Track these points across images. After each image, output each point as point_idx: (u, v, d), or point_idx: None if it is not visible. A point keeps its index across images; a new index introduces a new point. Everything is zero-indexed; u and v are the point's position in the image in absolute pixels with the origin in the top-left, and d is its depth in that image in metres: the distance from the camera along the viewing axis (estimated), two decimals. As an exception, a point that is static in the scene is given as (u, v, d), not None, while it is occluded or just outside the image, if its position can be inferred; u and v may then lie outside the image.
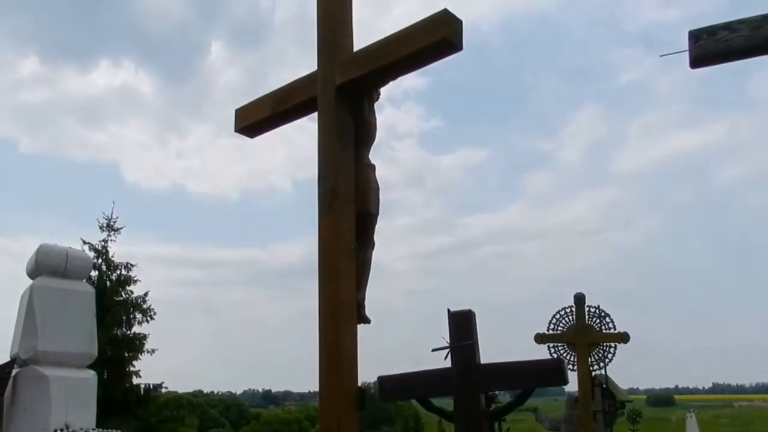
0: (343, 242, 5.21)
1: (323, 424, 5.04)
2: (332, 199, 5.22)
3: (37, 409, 2.35)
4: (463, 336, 8.36)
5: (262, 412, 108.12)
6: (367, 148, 5.69)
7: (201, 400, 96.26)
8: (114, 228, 23.22)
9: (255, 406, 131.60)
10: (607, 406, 17.15)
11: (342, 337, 5.00)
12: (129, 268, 23.40)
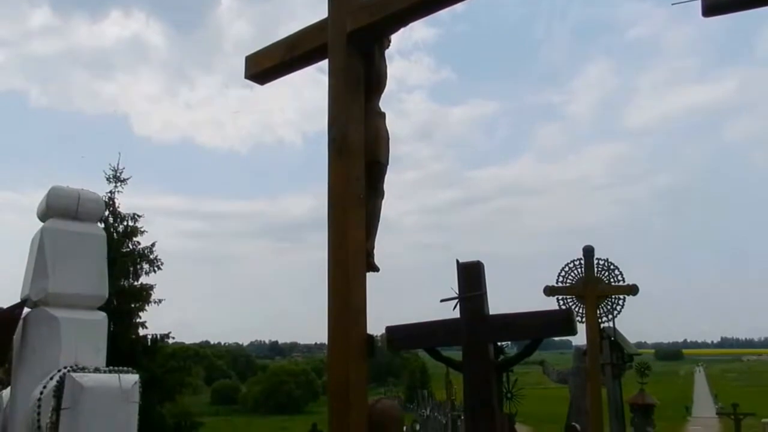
0: (352, 191, 5.11)
1: (332, 371, 5.00)
2: (342, 147, 5.12)
3: (47, 350, 2.31)
4: (472, 287, 8.30)
5: (269, 363, 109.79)
6: (377, 96, 5.56)
7: (208, 351, 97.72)
8: (120, 179, 23.10)
9: (262, 358, 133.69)
10: (615, 358, 17.22)
11: (351, 286, 4.94)
12: (136, 219, 23.38)
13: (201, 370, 72.13)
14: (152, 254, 23.59)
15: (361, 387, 5.00)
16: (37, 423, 2.10)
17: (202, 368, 75.05)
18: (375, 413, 5.08)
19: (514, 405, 9.96)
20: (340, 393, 4.92)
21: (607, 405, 18.00)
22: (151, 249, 23.63)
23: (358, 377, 4.97)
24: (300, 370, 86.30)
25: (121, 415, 2.08)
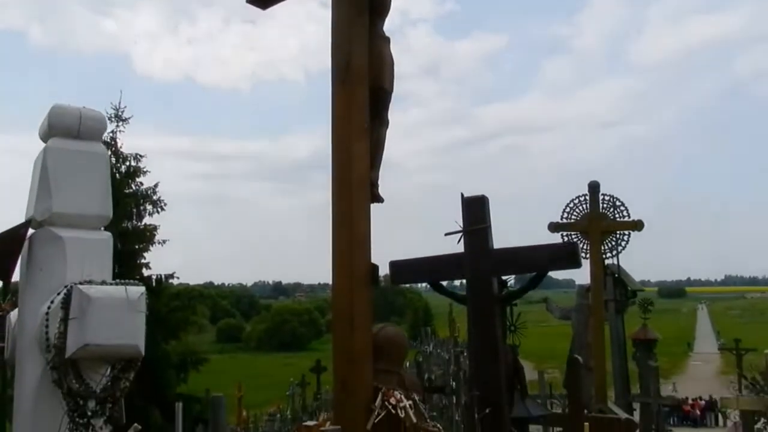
0: (356, 119, 5.03)
1: (336, 298, 5.03)
2: (346, 72, 5.00)
3: (54, 269, 2.30)
4: (477, 220, 8.27)
5: (273, 303, 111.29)
6: (381, 19, 5.40)
7: (212, 292, 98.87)
8: (122, 118, 22.85)
9: (265, 298, 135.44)
10: (618, 295, 17.34)
11: (355, 215, 4.91)
12: (138, 159, 23.24)
13: (205, 310, 73.25)
14: (155, 195, 23.54)
15: (365, 313, 5.02)
16: (45, 336, 2.10)
17: (206, 308, 76.20)
18: (379, 339, 5.11)
19: (517, 337, 10.13)
20: (345, 318, 4.94)
21: (610, 340, 18.25)
22: (154, 190, 23.57)
23: (363, 303, 4.98)
24: (303, 309, 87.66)
25: (129, 324, 2.07)
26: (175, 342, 23.33)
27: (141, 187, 23.26)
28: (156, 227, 22.88)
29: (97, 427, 2.05)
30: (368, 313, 5.14)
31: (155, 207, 23.21)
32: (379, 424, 4.85)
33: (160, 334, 21.49)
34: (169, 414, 14.32)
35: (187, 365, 23.22)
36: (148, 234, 22.92)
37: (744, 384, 18.07)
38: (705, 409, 35.75)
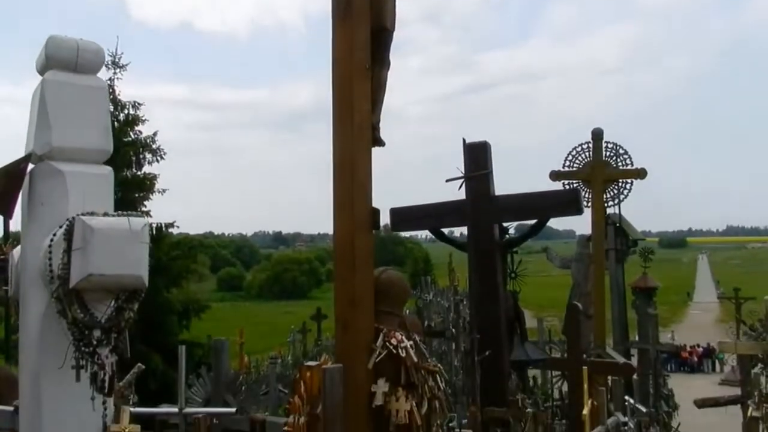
0: (357, 59, 4.93)
1: (338, 242, 5.02)
2: (346, 10, 4.89)
3: (55, 203, 2.28)
4: (478, 166, 8.26)
5: (273, 252, 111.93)
6: (382, -44, 5.25)
7: (212, 242, 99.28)
8: (119, 65, 22.51)
9: (266, 248, 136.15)
10: (619, 244, 17.39)
11: (356, 158, 4.86)
12: (137, 107, 23.00)
13: (206, 259, 73.67)
14: (154, 144, 23.39)
15: (366, 256, 5.02)
16: (49, 267, 2.09)
17: (207, 257, 76.65)
18: (381, 282, 5.13)
19: (517, 284, 10.20)
20: (346, 261, 4.95)
21: (609, 289, 18.41)
22: (153, 138, 23.40)
23: (364, 246, 4.98)
24: (304, 259, 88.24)
25: (132, 255, 2.06)
26: (176, 290, 23.50)
27: (140, 136, 23.08)
28: (156, 176, 22.80)
29: (103, 356, 2.06)
30: (369, 256, 5.15)
31: (155, 156, 23.10)
32: (380, 364, 4.91)
33: (161, 282, 21.62)
34: (172, 360, 14.51)
35: (189, 312, 23.44)
36: (148, 183, 22.86)
37: (742, 330, 18.30)
38: (702, 356, 36.38)
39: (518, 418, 7.70)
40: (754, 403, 10.98)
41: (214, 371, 9.32)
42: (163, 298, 21.74)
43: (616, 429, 11.68)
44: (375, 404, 4.81)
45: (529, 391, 12.19)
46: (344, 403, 4.44)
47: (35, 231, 2.35)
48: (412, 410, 4.72)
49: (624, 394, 14.48)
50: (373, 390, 4.88)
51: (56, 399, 2.23)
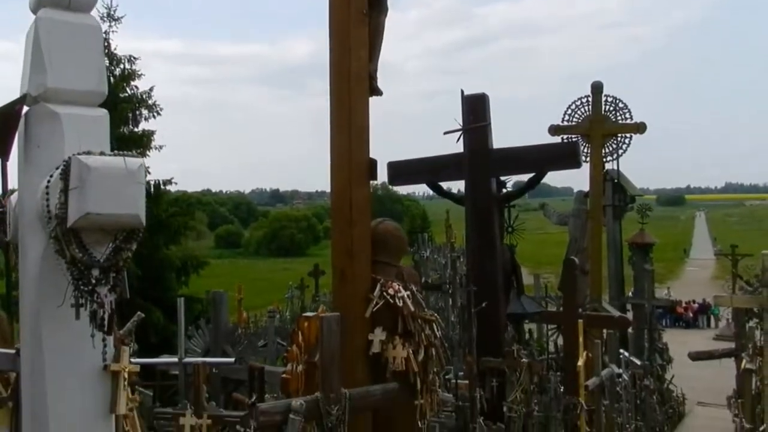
0: (354, 5, 4.86)
1: (335, 192, 5.03)
2: (343, -45, 4.80)
3: (51, 145, 2.27)
4: (477, 118, 8.21)
5: (271, 210, 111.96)
6: None
7: (210, 199, 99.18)
8: (114, 17, 22.10)
9: (263, 205, 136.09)
10: (617, 200, 17.41)
11: (353, 106, 4.83)
12: (132, 61, 22.65)
13: (204, 216, 73.70)
14: (151, 99, 23.14)
15: (363, 206, 5.03)
16: (46, 208, 2.09)
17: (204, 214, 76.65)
18: (378, 232, 5.15)
19: (514, 238, 10.24)
20: (343, 212, 4.96)
21: (606, 245, 18.50)
22: (149, 93, 23.12)
23: (361, 197, 4.98)
24: (301, 216, 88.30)
25: (129, 194, 2.06)
26: (175, 247, 23.55)
27: (136, 92, 22.83)
28: (152, 133, 22.61)
29: (102, 294, 2.07)
30: (367, 207, 5.16)
31: (151, 112, 22.85)
32: (378, 313, 4.97)
33: (160, 239, 21.66)
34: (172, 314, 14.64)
35: (188, 268, 23.52)
36: (145, 139, 22.68)
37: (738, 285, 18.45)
38: (698, 312, 36.81)
39: (514, 368, 7.82)
40: (748, 355, 11.12)
41: (212, 323, 9.42)
42: (162, 255, 21.79)
43: (610, 380, 11.89)
44: (372, 352, 4.88)
45: (524, 343, 12.38)
46: (341, 351, 4.50)
47: (32, 174, 2.34)
48: (409, 357, 4.80)
49: (619, 348, 14.71)
50: (370, 338, 4.95)
51: (56, 338, 2.26)
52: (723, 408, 18.18)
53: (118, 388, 2.32)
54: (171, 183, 23.38)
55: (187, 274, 23.61)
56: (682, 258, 69.42)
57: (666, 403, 17.05)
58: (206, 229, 76.18)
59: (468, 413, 6.43)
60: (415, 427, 4.94)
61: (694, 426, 17.48)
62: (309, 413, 4.14)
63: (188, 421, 4.84)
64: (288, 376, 5.51)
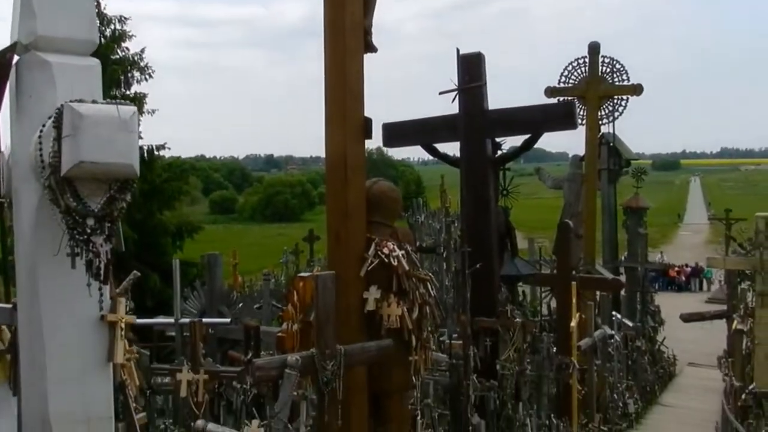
0: (349, -40, 4.79)
1: (329, 151, 5.00)
2: None
3: (43, 95, 2.24)
4: (472, 78, 8.14)
5: (265, 175, 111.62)
6: None
7: (203, 165, 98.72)
8: (103, -26, 21.66)
9: (257, 171, 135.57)
10: (612, 164, 17.42)
11: (348, 63, 4.78)
12: (123, 21, 22.32)
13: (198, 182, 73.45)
14: (142, 61, 22.86)
15: (358, 166, 5.02)
16: (40, 157, 2.08)
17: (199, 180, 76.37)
18: (373, 192, 5.15)
19: (509, 201, 10.26)
20: (338, 172, 4.95)
21: (601, 209, 18.56)
22: (141, 55, 22.84)
23: (355, 156, 4.97)
24: (296, 182, 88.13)
25: (122, 143, 2.04)
26: (169, 212, 23.53)
27: (128, 53, 22.54)
28: (145, 96, 22.38)
29: (98, 244, 2.07)
30: (362, 166, 5.14)
31: (143, 74, 22.60)
32: (372, 272, 4.99)
33: (154, 204, 21.64)
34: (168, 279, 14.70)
35: (183, 233, 23.55)
36: (137, 103, 22.44)
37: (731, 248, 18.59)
38: (690, 276, 37.15)
39: (507, 327, 7.91)
40: (739, 316, 11.30)
41: (208, 284, 9.47)
42: (156, 220, 21.80)
43: (602, 341, 12.05)
44: (367, 310, 4.92)
45: (518, 304, 12.48)
46: (336, 310, 4.53)
47: (24, 124, 2.32)
48: (404, 315, 4.84)
49: (611, 310, 14.86)
50: (365, 297, 4.98)
51: (53, 288, 2.27)
52: (713, 368, 18.50)
53: (115, 338, 2.34)
54: (164, 148, 23.25)
55: (182, 239, 23.66)
56: (675, 223, 69.68)
57: (657, 363, 17.29)
58: (200, 195, 76.03)
59: (461, 371, 6.52)
60: (410, 382, 5.01)
61: (685, 385, 17.75)
62: (305, 368, 4.19)
63: (185, 376, 4.89)
64: (284, 334, 5.57)
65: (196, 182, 66.29)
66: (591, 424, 10.24)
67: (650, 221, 23.48)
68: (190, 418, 5.09)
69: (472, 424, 6.33)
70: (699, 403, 15.13)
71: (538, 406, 8.67)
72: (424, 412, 5.97)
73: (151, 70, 22.73)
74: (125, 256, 14.68)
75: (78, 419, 2.26)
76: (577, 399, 10.02)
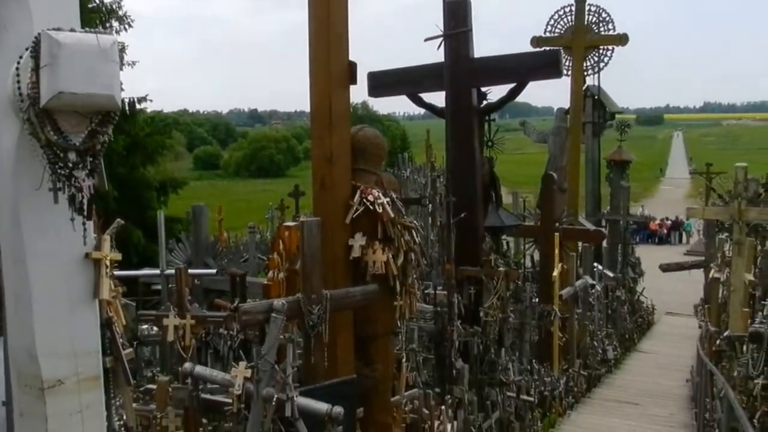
0: None
1: (314, 98, 4.96)
2: None
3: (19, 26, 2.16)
4: (458, 24, 8.05)
5: (249, 131, 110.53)
6: None
7: (187, 119, 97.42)
8: None
9: (241, 126, 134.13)
10: (596, 117, 17.49)
11: (332, 6, 4.71)
12: (98, -36, 21.68)
13: (181, 137, 72.60)
14: (121, 10, 22.32)
15: (343, 112, 4.98)
16: (18, 90, 2.03)
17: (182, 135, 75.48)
18: (358, 139, 5.12)
19: (494, 152, 10.26)
20: (323, 118, 4.91)
21: (585, 163, 18.68)
22: (119, 3, 22.29)
23: (341, 102, 4.92)
24: (281, 137, 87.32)
25: (103, 73, 2.00)
26: (152, 168, 23.29)
27: (105, 1, 21.96)
28: (124, 46, 21.90)
29: (80, 179, 2.05)
30: (346, 113, 5.11)
31: (121, 24, 22.11)
32: (358, 219, 5.01)
33: (137, 159, 21.40)
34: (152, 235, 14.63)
35: (167, 189, 23.36)
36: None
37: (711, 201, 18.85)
38: (670, 229, 37.74)
39: (491, 276, 8.00)
40: (716, 265, 11.52)
41: (193, 235, 9.46)
42: (139, 175, 21.57)
43: (584, 291, 12.28)
44: (352, 256, 4.95)
45: (502, 254, 12.63)
46: (322, 256, 4.56)
47: (2, 58, 2.27)
48: (389, 261, 4.88)
49: (593, 261, 15.09)
50: (350, 244, 5.00)
51: (36, 223, 2.25)
52: (690, 317, 18.95)
53: (101, 275, 2.34)
54: (146, 100, 22.89)
55: (166, 194, 23.46)
56: (657, 177, 70.23)
57: (636, 313, 17.67)
58: (184, 150, 75.26)
59: (446, 318, 6.62)
60: (395, 326, 5.09)
61: (662, 333, 18.19)
62: (291, 312, 4.23)
63: (172, 321, 4.93)
64: (270, 283, 5.60)
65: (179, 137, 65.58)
66: (571, 369, 10.51)
67: (632, 176, 23.64)
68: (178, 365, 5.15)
69: (456, 368, 6.46)
70: (676, 349, 15.57)
71: (520, 352, 8.85)
72: (409, 357, 6.07)
73: (130, 20, 22.25)
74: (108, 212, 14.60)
75: (65, 353, 2.27)
76: (558, 345, 10.27)
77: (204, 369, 4.19)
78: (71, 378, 2.27)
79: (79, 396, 2.29)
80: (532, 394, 8.19)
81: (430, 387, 6.18)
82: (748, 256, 9.37)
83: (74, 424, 2.27)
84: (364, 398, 4.72)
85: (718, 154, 65.16)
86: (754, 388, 5.65)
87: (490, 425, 6.81)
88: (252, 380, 3.82)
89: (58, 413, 2.24)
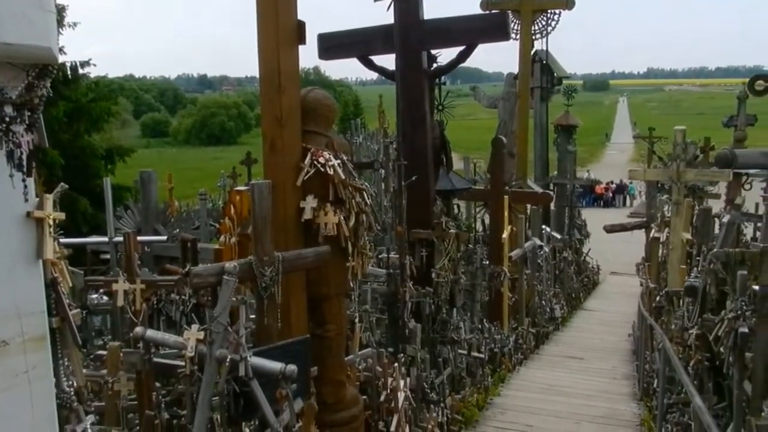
0: None
1: (262, 58, 4.88)
2: None
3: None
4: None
5: (199, 97, 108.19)
6: None
7: (133, 85, 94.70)
8: None
9: (191, 92, 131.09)
10: (544, 82, 17.73)
11: (279, -34, 4.63)
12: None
13: (128, 103, 70.63)
14: (59, -33, 21.39)
15: (292, 73, 4.92)
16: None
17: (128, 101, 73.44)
18: (308, 101, 5.08)
19: (444, 116, 10.31)
20: (272, 79, 4.84)
21: (533, 128, 18.96)
22: (56, -38, 21.39)
23: (290, 62, 4.86)
24: (232, 103, 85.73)
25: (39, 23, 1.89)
26: (98, 135, 22.65)
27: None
28: (64, 7, 21.05)
29: (18, 134, 2.00)
30: (295, 74, 5.04)
31: (61, -19, 21.19)
32: (309, 182, 4.99)
33: (81, 125, 20.77)
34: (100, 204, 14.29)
35: (113, 156, 22.77)
36: (57, 15, 21.17)
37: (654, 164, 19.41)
38: (615, 192, 38.85)
39: (442, 238, 8.11)
40: (656, 225, 11.93)
41: (142, 202, 9.28)
42: (84, 142, 20.96)
43: (532, 252, 12.56)
44: (304, 218, 4.95)
45: (453, 217, 12.77)
46: (274, 219, 4.54)
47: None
48: (340, 223, 4.89)
49: (541, 223, 15.42)
50: (302, 206, 5.00)
51: (-26, 181, 2.19)
52: (633, 276, 19.63)
53: (44, 235, 2.29)
54: (89, 65, 22.13)
55: (113, 162, 22.87)
56: (603, 142, 71.75)
57: (582, 273, 18.20)
58: (131, 117, 73.33)
59: (398, 279, 6.69)
60: (347, 286, 5.13)
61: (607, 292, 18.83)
62: (243, 275, 4.22)
63: (121, 286, 4.86)
64: (221, 247, 5.56)
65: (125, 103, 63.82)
66: (520, 327, 10.80)
67: (579, 141, 24.11)
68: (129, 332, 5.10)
69: (409, 328, 6.57)
70: (619, 306, 16.19)
71: (472, 311, 9.04)
72: (363, 317, 6.14)
73: (70, -21, 21.36)
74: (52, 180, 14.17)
75: (10, 315, 2.23)
76: (508, 305, 10.52)
77: (155, 332, 4.16)
78: (16, 339, 2.24)
79: (25, 356, 2.26)
80: (483, 352, 8.41)
81: (384, 346, 6.27)
82: (686, 216, 9.71)
83: (21, 384, 2.25)
84: (318, 358, 4.77)
85: (660, 119, 66.83)
86: (688, 338, 5.90)
87: (442, 381, 6.97)
88: (205, 342, 3.82)
89: (4, 373, 2.21)
